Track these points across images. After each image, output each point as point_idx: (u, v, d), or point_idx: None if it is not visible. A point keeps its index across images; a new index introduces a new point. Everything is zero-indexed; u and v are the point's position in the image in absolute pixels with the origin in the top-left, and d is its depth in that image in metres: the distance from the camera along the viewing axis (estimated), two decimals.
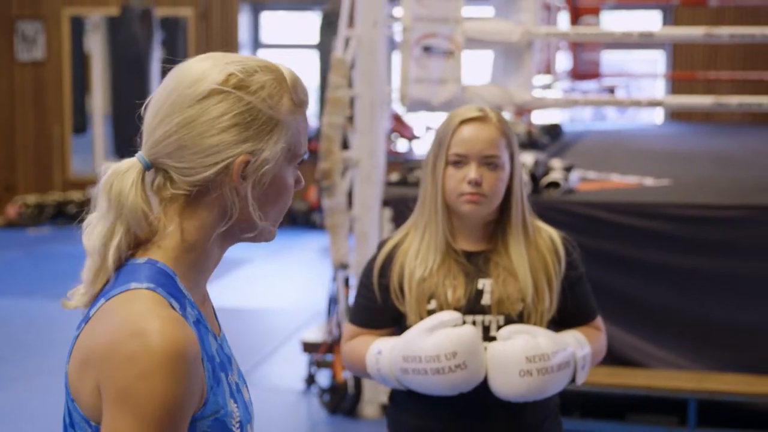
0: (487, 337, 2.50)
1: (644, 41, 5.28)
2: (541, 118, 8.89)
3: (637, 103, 5.41)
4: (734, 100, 5.13)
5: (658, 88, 12.08)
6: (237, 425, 1.51)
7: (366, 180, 5.15)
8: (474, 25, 5.20)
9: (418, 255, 2.53)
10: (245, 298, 7.99)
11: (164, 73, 1.58)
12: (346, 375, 5.23)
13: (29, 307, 7.65)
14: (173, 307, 1.44)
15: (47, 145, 11.87)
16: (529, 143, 6.72)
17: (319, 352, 5.36)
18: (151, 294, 1.44)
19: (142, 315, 1.40)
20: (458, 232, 2.56)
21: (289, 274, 8.95)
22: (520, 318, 2.50)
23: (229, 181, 1.48)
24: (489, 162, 2.48)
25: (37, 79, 11.76)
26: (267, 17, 12.23)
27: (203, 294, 1.59)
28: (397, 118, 10.83)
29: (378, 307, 2.55)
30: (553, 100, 5.72)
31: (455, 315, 2.42)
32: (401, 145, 11.22)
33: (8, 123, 11.71)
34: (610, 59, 10.88)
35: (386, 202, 5.19)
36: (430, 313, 2.48)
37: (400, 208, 5.16)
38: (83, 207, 1.61)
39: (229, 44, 11.55)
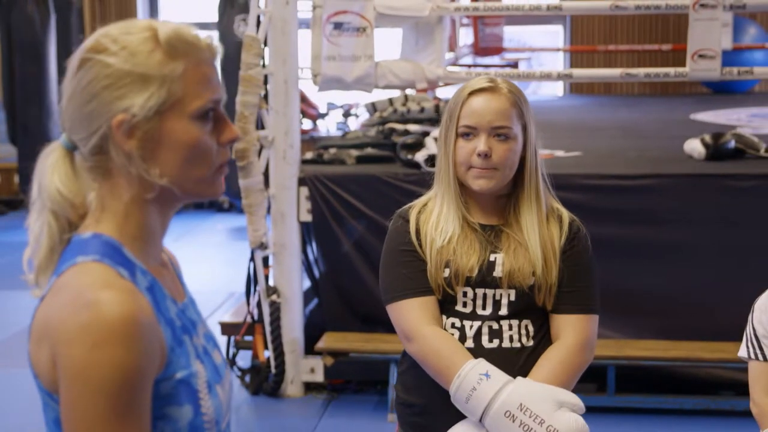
0: (497, 312, 2.47)
1: (551, 14, 5.33)
2: (447, 93, 8.93)
3: (548, 76, 5.47)
4: (641, 71, 5.22)
5: (558, 62, 12.23)
6: (204, 385, 1.53)
7: (281, 159, 5.12)
8: (384, 2, 5.19)
9: (438, 225, 2.49)
10: None
11: (59, 56, 1.59)
12: (267, 354, 5.21)
13: None
14: (122, 276, 1.46)
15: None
16: (437, 118, 6.75)
17: (240, 333, 5.33)
18: (98, 265, 1.46)
19: (91, 286, 1.42)
20: (471, 205, 2.52)
21: (199, 257, 8.86)
22: (531, 291, 2.46)
23: (115, 144, 1.50)
24: (499, 133, 2.43)
25: None
26: None
27: (161, 260, 1.61)
28: (302, 97, 10.76)
29: (426, 268, 2.48)
30: (465, 74, 5.75)
31: (581, 403, 2.33)
32: (306, 124, 11.17)
33: None
34: (510, 33, 10.97)
35: (302, 181, 5.18)
36: (446, 281, 2.46)
37: (316, 186, 5.15)
38: None
39: None
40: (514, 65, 9.84)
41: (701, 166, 5.16)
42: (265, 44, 5.16)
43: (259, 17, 5.14)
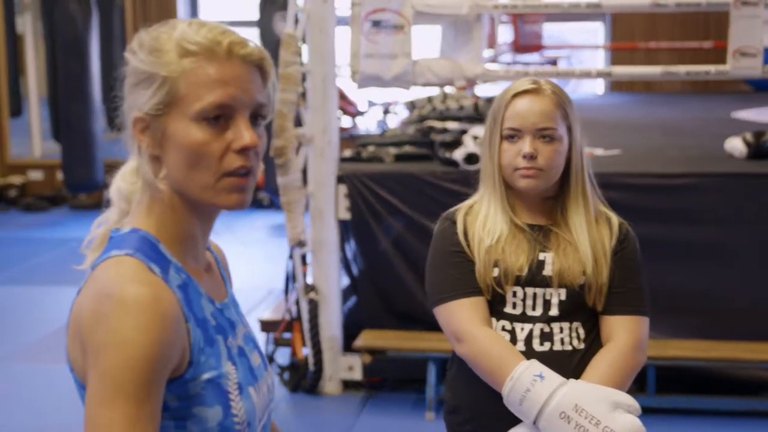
0: (547, 313, 2.46)
1: (591, 12, 5.30)
2: (486, 91, 8.91)
3: (588, 74, 5.44)
4: (682, 69, 5.17)
5: (598, 59, 12.17)
6: (235, 386, 1.53)
7: (320, 156, 5.13)
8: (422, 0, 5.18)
9: (486, 225, 2.48)
10: None
11: (101, 54, 1.61)
12: (305, 352, 5.22)
13: None
14: (153, 271, 1.47)
15: None
16: (476, 115, 6.74)
17: (278, 330, 5.34)
18: (129, 259, 1.47)
19: (118, 279, 1.44)
20: (518, 207, 2.51)
21: (239, 253, 8.89)
22: (582, 290, 2.45)
23: (134, 141, 1.54)
24: (544, 135, 2.43)
25: None
26: None
27: (203, 261, 1.61)
28: (341, 94, 10.79)
29: (475, 269, 2.47)
30: (504, 72, 5.73)
31: (637, 404, 2.31)
32: (345, 121, 11.19)
33: None
34: (550, 31, 10.93)
35: (341, 178, 5.19)
36: (495, 280, 2.45)
37: (354, 183, 5.16)
38: (24, 191, 1.64)
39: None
40: (554, 63, 9.81)
41: (742, 164, 5.12)
42: (303, 41, 5.17)
43: (297, 15, 5.15)
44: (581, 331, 2.48)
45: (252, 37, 1.62)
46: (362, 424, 4.86)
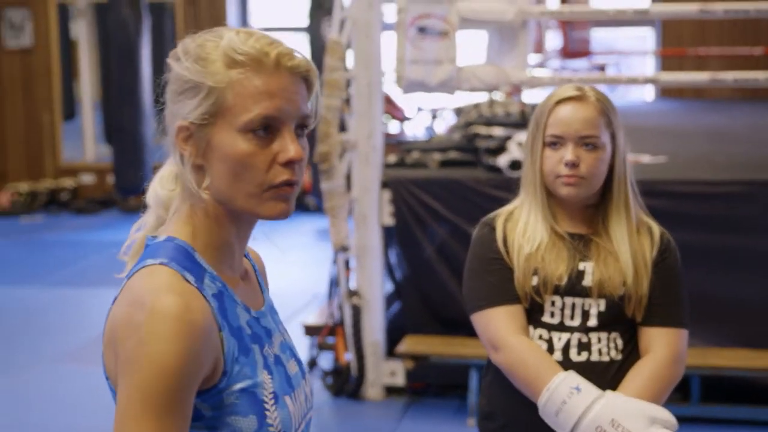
0: (585, 324, 2.44)
1: (638, 18, 5.28)
2: (533, 97, 8.89)
3: (634, 81, 5.41)
4: (729, 75, 5.13)
5: (648, 65, 12.08)
6: (270, 396, 1.51)
7: (364, 162, 5.15)
8: (468, 5, 5.19)
9: (525, 232, 2.46)
10: None
11: (153, 59, 1.61)
12: (348, 357, 5.24)
13: (23, 296, 7.63)
14: (187, 281, 1.46)
15: (37, 133, 11.82)
16: (522, 122, 6.73)
17: (321, 334, 5.37)
18: (164, 269, 1.47)
19: (151, 289, 1.43)
20: (559, 214, 2.49)
21: (284, 257, 8.94)
22: (621, 301, 2.43)
23: (177, 149, 1.53)
24: (587, 143, 2.40)
25: (25, 66, 11.70)
26: (255, 0, 12.17)
27: (240, 269, 1.60)
28: (388, 100, 10.81)
29: (513, 277, 2.45)
30: (549, 79, 5.72)
31: (674, 420, 2.28)
32: (393, 127, 11.21)
33: None
34: (599, 37, 10.87)
35: (385, 184, 5.20)
36: (534, 289, 2.43)
37: (398, 189, 5.17)
38: (76, 194, 1.65)
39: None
40: (602, 69, 9.77)
41: None
42: (349, 47, 5.19)
43: (342, 21, 5.18)
44: (619, 342, 2.45)
45: (301, 43, 1.62)
46: (404, 430, 4.86)
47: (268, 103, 1.48)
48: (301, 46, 5.52)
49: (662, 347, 2.42)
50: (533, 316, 2.46)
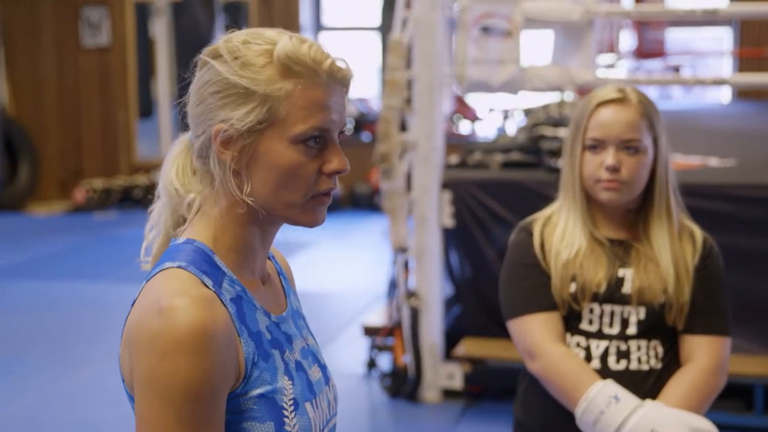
0: (625, 331, 2.38)
1: (708, 19, 5.16)
2: None
3: (700, 82, 5.30)
4: None
5: (725, 66, 11.86)
6: (290, 402, 1.49)
7: (424, 162, 5.11)
8: (533, 5, 5.12)
9: (564, 238, 2.42)
10: (308, 281, 7.99)
11: None
12: (406, 359, 5.20)
13: (96, 291, 7.73)
14: (206, 285, 1.44)
15: (113, 130, 11.97)
16: None
17: (380, 335, 5.34)
18: (182, 272, 1.45)
19: (169, 293, 1.41)
20: (599, 219, 2.44)
21: (353, 257, 8.95)
22: (662, 309, 2.37)
23: (213, 151, 1.49)
24: (628, 146, 2.36)
25: (102, 64, 11.86)
26: (328, 0, 12.19)
27: (262, 273, 1.58)
28: (460, 100, 10.76)
29: (551, 283, 2.40)
30: (615, 80, 5.62)
31: (715, 430, 2.25)
32: (464, 127, 11.15)
33: (74, 109, 11.83)
34: (675, 37, 10.69)
35: (445, 185, 5.16)
36: (572, 296, 2.38)
37: (459, 190, 5.12)
38: (149, 191, 1.64)
39: (291, 28, 11.39)
40: (676, 69, 9.61)
41: None
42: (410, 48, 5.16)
43: (405, 20, 5.15)
44: (659, 350, 2.39)
45: (374, 42, 1.59)
46: None
47: (321, 116, 1.48)
48: (373, 46, 5.47)
49: (704, 356, 2.36)
50: (571, 323, 2.40)
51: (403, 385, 5.19)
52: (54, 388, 5.43)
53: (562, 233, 2.42)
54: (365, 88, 11.33)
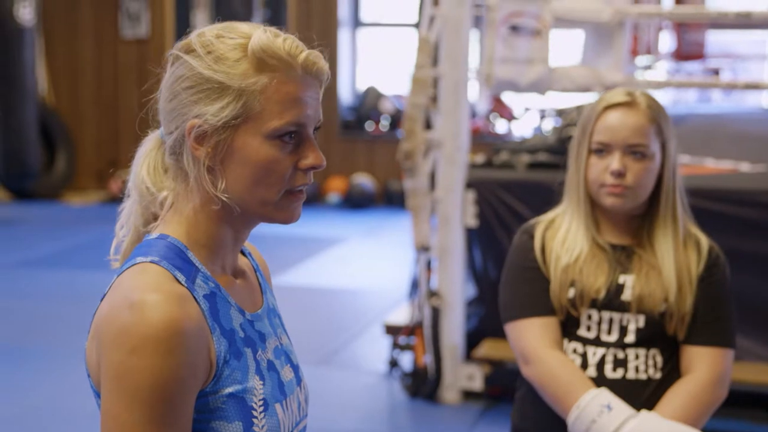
0: (623, 339, 2.34)
1: (742, 22, 5.08)
2: None
3: (732, 86, 5.21)
4: None
5: (766, 70, 11.70)
6: (260, 403, 1.47)
7: (449, 161, 5.07)
8: (563, 4, 5.07)
9: (565, 242, 2.39)
10: (337, 278, 7.99)
11: None
12: (426, 360, 5.17)
13: None
14: (178, 280, 1.43)
15: (149, 122, 12.01)
16: None
17: (401, 334, 5.31)
18: (154, 267, 1.43)
19: (140, 288, 1.39)
20: (602, 224, 2.41)
21: (383, 254, 8.92)
22: (662, 318, 2.33)
23: (187, 147, 1.47)
24: (635, 151, 2.33)
25: (141, 56, 11.90)
26: None
27: (235, 269, 1.57)
28: (497, 99, 10.69)
29: (549, 287, 2.37)
30: (646, 82, 5.56)
31: None
32: (501, 126, 11.09)
33: (112, 99, 11.89)
34: (716, 40, 10.56)
35: (470, 185, 5.11)
36: (571, 301, 2.35)
37: (483, 190, 5.07)
38: None
39: (329, 23, 11.54)
40: (716, 72, 9.48)
41: None
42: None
43: (432, 18, 5.11)
44: (659, 359, 2.34)
45: (412, 39, 1.56)
46: None
47: (297, 111, 1.46)
48: (410, 42, 5.43)
49: (704, 368, 2.31)
50: (569, 329, 2.36)
51: (423, 385, 5.16)
52: (75, 378, 5.45)
53: (563, 237, 2.38)
54: (402, 85, 11.29)
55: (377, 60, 12.15)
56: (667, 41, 9.21)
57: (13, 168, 10.45)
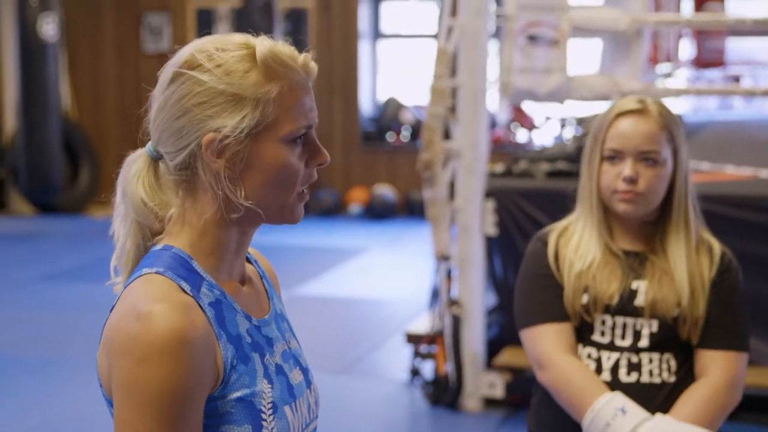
0: (637, 344, 2.36)
1: (759, 28, 5.09)
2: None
3: (752, 93, 5.23)
4: None
5: None
6: (269, 405, 1.50)
7: (468, 171, 5.09)
8: (580, 14, 5.09)
9: (578, 249, 2.41)
10: (359, 288, 8.02)
11: None
12: (447, 368, 5.19)
13: None
14: (184, 290, 1.46)
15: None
16: None
17: (422, 343, 5.33)
18: (160, 278, 1.46)
19: (147, 298, 1.43)
20: (615, 230, 2.43)
21: (404, 264, 8.94)
22: (675, 323, 2.35)
23: (203, 162, 1.49)
24: (647, 158, 2.35)
25: None
26: (387, 7, 12.22)
27: (241, 275, 1.60)
28: (517, 108, 10.71)
29: (563, 294, 2.40)
30: (664, 90, 5.57)
31: None
32: (521, 135, 11.10)
33: (134, 114, 11.93)
34: (736, 47, 10.54)
35: (489, 194, 5.13)
36: (584, 307, 2.38)
37: (502, 199, 5.09)
38: None
39: (349, 35, 11.59)
40: (736, 79, 9.47)
41: None
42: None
43: (450, 28, 5.14)
44: (672, 363, 2.36)
45: (431, 49, 1.61)
46: None
47: (306, 113, 1.51)
48: (431, 53, 5.46)
49: (718, 371, 2.33)
50: (583, 334, 2.39)
51: (444, 394, 5.18)
52: (97, 389, 5.50)
53: (577, 244, 2.41)
54: (422, 96, 11.32)
55: (397, 71, 12.20)
56: (687, 49, 9.21)
57: (37, 182, 10.54)
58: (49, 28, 10.27)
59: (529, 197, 5.06)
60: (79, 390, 5.43)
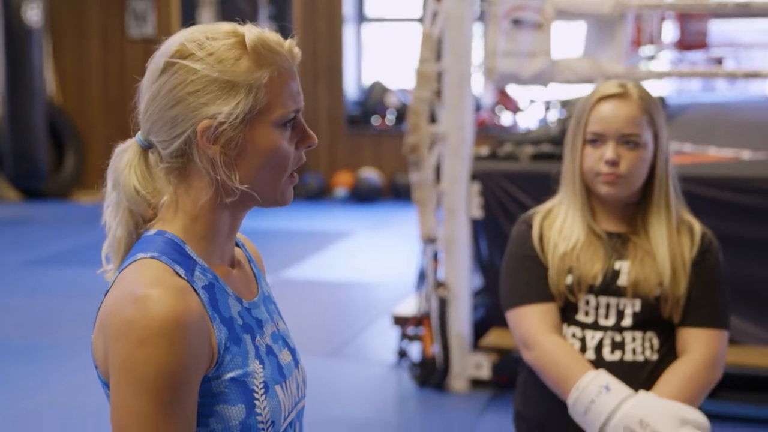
0: (620, 323, 2.41)
1: (741, 11, 5.13)
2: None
3: (734, 75, 5.27)
4: None
5: None
6: (260, 385, 1.55)
7: (454, 154, 5.13)
8: None
9: (562, 230, 2.46)
10: (346, 271, 8.06)
11: None
12: (434, 349, 5.24)
13: None
14: (178, 274, 1.50)
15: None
16: None
17: (409, 325, 5.38)
18: (154, 262, 1.50)
19: (143, 283, 1.46)
20: (598, 212, 2.48)
21: (390, 247, 8.99)
22: (657, 302, 2.40)
23: (198, 149, 1.53)
24: (628, 141, 2.39)
25: (147, 55, 11.74)
26: None
27: (231, 259, 1.64)
28: (502, 91, 10.75)
29: (548, 275, 2.44)
30: (647, 72, 5.62)
31: (707, 423, 2.27)
32: (506, 118, 11.14)
33: (119, 99, 11.97)
34: (719, 29, 10.59)
35: (475, 176, 5.18)
36: (569, 287, 2.43)
37: (488, 182, 5.14)
38: None
39: (334, 19, 11.59)
40: (719, 61, 9.52)
41: None
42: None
43: (435, 13, 5.17)
44: (655, 342, 2.41)
45: (416, 33, 1.65)
46: (486, 423, 4.85)
47: (295, 96, 1.56)
48: (415, 37, 5.49)
49: (700, 349, 2.38)
50: (567, 314, 2.44)
51: (431, 375, 5.23)
52: (86, 373, 5.53)
53: (560, 226, 2.45)
54: (407, 79, 11.34)
55: (382, 55, 12.22)
56: (670, 31, 9.25)
57: (23, 168, 10.55)
58: (33, 13, 10.26)
59: (514, 180, 5.10)
60: (67, 375, 5.47)
